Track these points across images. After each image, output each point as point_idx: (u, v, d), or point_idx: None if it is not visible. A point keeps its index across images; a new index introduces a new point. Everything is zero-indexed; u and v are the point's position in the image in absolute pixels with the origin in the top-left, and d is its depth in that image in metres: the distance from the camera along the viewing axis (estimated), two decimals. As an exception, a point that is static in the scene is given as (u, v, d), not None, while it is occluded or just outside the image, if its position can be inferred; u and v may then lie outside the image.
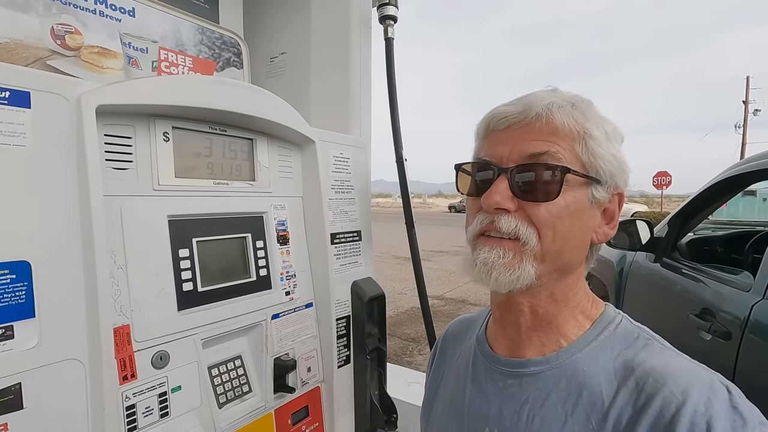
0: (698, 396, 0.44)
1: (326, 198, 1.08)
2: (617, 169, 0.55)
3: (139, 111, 0.75)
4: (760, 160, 1.84)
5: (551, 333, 0.56)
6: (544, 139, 0.53)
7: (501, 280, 0.52)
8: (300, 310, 1.03)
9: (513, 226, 0.53)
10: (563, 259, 0.55)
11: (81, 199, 0.64)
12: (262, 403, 0.92)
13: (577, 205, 0.54)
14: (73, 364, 0.63)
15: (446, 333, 0.77)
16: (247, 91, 0.88)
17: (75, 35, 0.96)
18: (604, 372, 0.51)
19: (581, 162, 0.53)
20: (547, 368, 0.55)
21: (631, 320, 0.56)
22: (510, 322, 0.59)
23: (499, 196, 0.53)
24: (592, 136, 0.53)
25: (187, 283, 0.80)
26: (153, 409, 0.72)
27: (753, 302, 1.53)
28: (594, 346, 0.53)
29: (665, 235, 2.34)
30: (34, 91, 0.60)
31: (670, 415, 0.43)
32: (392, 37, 1.31)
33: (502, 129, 0.56)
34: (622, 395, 0.48)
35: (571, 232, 0.54)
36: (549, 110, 0.53)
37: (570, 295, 0.56)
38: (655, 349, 0.51)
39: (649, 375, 0.47)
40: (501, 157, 0.55)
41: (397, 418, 1.20)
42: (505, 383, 0.57)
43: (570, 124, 0.53)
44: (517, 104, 0.55)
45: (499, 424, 0.56)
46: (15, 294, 0.58)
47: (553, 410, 0.52)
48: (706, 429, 0.42)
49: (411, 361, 4.10)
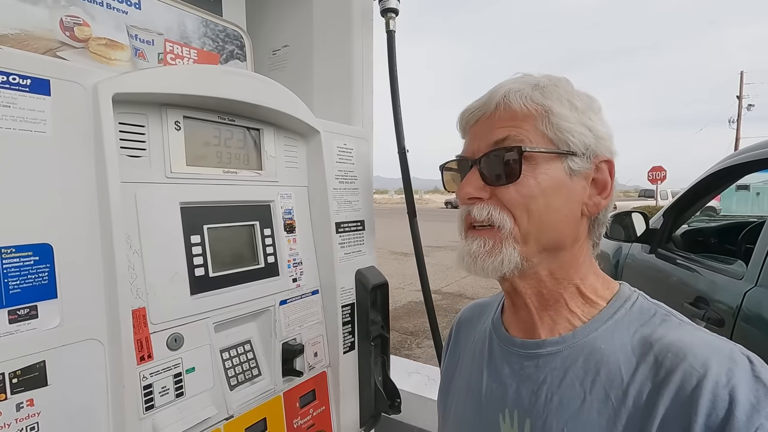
0: (719, 367, 0.44)
1: (331, 188, 1.10)
2: (593, 138, 0.55)
3: (152, 100, 0.77)
4: (752, 151, 1.87)
5: (561, 311, 0.57)
6: (504, 125, 0.55)
7: (487, 267, 0.54)
8: (306, 296, 1.06)
9: (485, 213, 0.55)
10: (547, 236, 0.55)
11: (99, 185, 0.66)
12: (272, 386, 0.94)
13: (551, 182, 0.54)
14: (94, 344, 0.65)
15: (460, 318, 0.78)
16: (255, 81, 0.90)
17: (83, 27, 0.97)
18: (622, 349, 0.50)
19: (548, 138, 0.54)
20: (563, 347, 0.55)
21: (647, 297, 0.56)
22: (521, 306, 0.60)
23: (469, 187, 0.56)
24: (554, 112, 0.54)
25: (199, 269, 0.82)
26: (169, 388, 0.75)
27: (745, 290, 1.57)
28: (610, 324, 0.53)
29: (660, 227, 2.38)
30: (54, 79, 0.62)
31: (692, 387, 0.43)
32: (394, 29, 1.32)
33: (473, 124, 0.59)
34: (642, 371, 0.48)
35: (548, 208, 0.54)
36: (506, 98, 0.56)
37: (571, 271, 0.57)
38: (672, 324, 0.51)
39: (668, 349, 0.47)
40: (473, 151, 0.58)
41: (401, 402, 1.23)
42: (522, 365, 0.58)
43: (528, 106, 0.55)
44: (482, 98, 0.58)
45: (518, 405, 0.56)
46: (38, 275, 0.60)
47: (572, 389, 0.52)
48: (728, 400, 0.41)
49: (410, 354, 4.14)
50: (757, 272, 1.56)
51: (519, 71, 0.61)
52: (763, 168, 1.86)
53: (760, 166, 1.85)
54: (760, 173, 2.27)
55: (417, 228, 1.38)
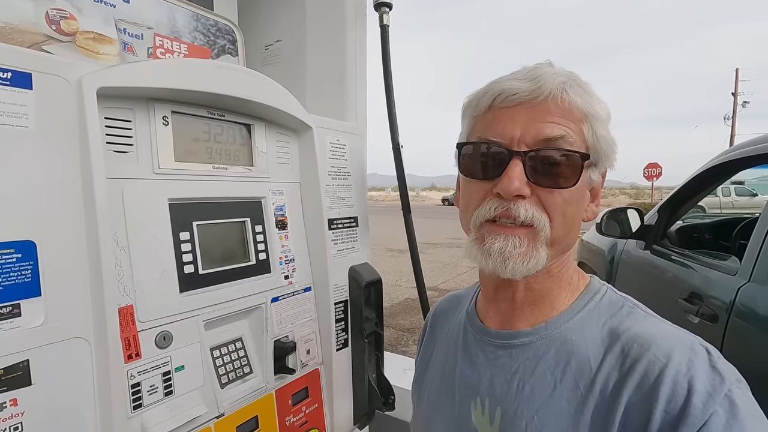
0: (680, 358, 0.46)
1: (323, 184, 1.09)
2: (611, 150, 0.55)
3: (139, 94, 0.75)
4: (746, 147, 1.88)
5: (543, 306, 0.57)
6: (557, 121, 0.51)
7: (518, 269, 0.52)
8: (299, 293, 1.05)
9: (530, 214, 0.51)
10: (569, 241, 0.56)
11: (84, 180, 0.65)
12: (263, 383, 0.94)
13: (582, 190, 0.55)
14: (79, 342, 0.64)
15: (436, 310, 0.79)
16: (245, 75, 0.89)
17: (70, 20, 0.95)
18: (592, 340, 0.52)
19: (586, 145, 0.53)
20: (536, 338, 0.56)
21: (615, 290, 0.58)
22: (505, 299, 0.59)
23: (518, 182, 0.51)
24: (598, 117, 0.53)
25: (188, 266, 0.81)
26: (157, 387, 0.74)
27: (739, 285, 1.58)
28: (581, 315, 0.55)
29: (655, 223, 2.38)
30: (36, 72, 0.61)
31: (654, 376, 0.45)
32: (387, 24, 1.31)
33: (510, 106, 0.53)
34: (609, 360, 0.49)
35: (576, 215, 0.55)
36: (563, 89, 0.51)
37: (563, 269, 0.58)
38: (638, 316, 0.53)
39: (634, 340, 0.49)
40: (512, 138, 0.52)
41: (395, 399, 1.23)
42: (496, 354, 0.59)
43: (582, 105, 0.52)
44: (526, 80, 0.52)
45: (490, 393, 0.57)
46: (21, 273, 0.59)
47: (543, 378, 0.53)
48: (687, 388, 0.44)
49: (406, 351, 4.14)
50: (751, 268, 1.56)
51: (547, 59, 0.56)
52: (757, 164, 1.87)
53: (754, 162, 1.85)
54: (755, 169, 2.27)
55: (411, 223, 1.37)
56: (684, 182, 2.28)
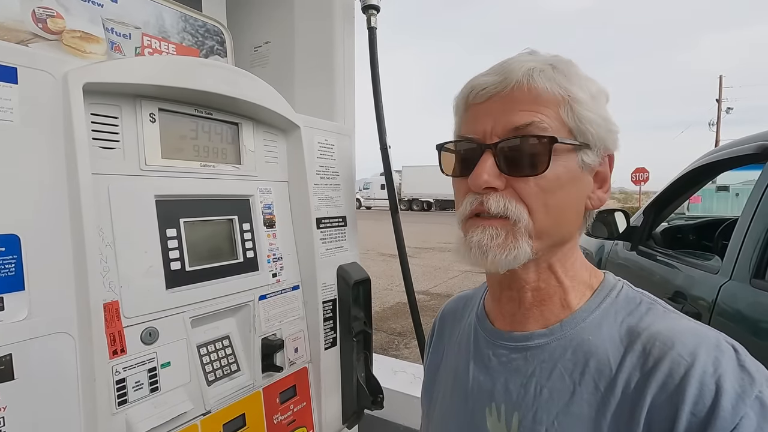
0: (706, 357, 0.44)
1: (311, 183, 1.10)
2: (605, 130, 0.52)
3: (126, 91, 0.76)
4: (728, 149, 1.93)
5: (554, 306, 0.55)
6: (528, 108, 0.50)
7: (498, 261, 0.50)
8: (287, 292, 1.05)
9: (501, 206, 0.50)
10: (560, 232, 0.53)
11: (69, 175, 0.65)
12: (251, 381, 0.94)
13: (568, 175, 0.51)
14: (63, 337, 0.64)
15: (443, 312, 0.76)
16: (233, 73, 0.90)
17: (57, 19, 0.95)
18: (610, 339, 0.50)
19: (568, 128, 0.51)
20: (551, 340, 0.53)
21: (631, 286, 0.56)
22: (510, 299, 0.57)
23: (486, 175, 0.50)
24: (577, 99, 0.50)
25: (174, 262, 0.81)
26: (143, 383, 0.73)
27: (721, 283, 1.61)
28: (597, 314, 0.53)
29: (641, 224, 2.43)
30: (21, 67, 0.61)
31: (679, 376, 0.43)
32: (375, 26, 1.33)
33: (483, 102, 0.53)
34: (629, 360, 0.47)
35: (565, 203, 0.52)
36: (530, 76, 0.50)
37: (568, 264, 0.55)
38: (658, 313, 0.51)
39: (656, 338, 0.47)
40: (484, 132, 0.52)
41: (383, 398, 1.23)
42: (509, 357, 0.56)
43: (552, 89, 0.50)
44: (495, 73, 0.52)
45: (506, 398, 0.55)
46: (4, 266, 0.59)
47: (561, 381, 0.51)
48: (715, 389, 0.42)
49: (397, 355, 4.14)
50: (732, 266, 1.60)
51: (527, 47, 0.55)
52: (739, 165, 1.91)
53: (736, 164, 1.90)
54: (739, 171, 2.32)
55: (399, 223, 1.38)
56: (668, 184, 2.33)
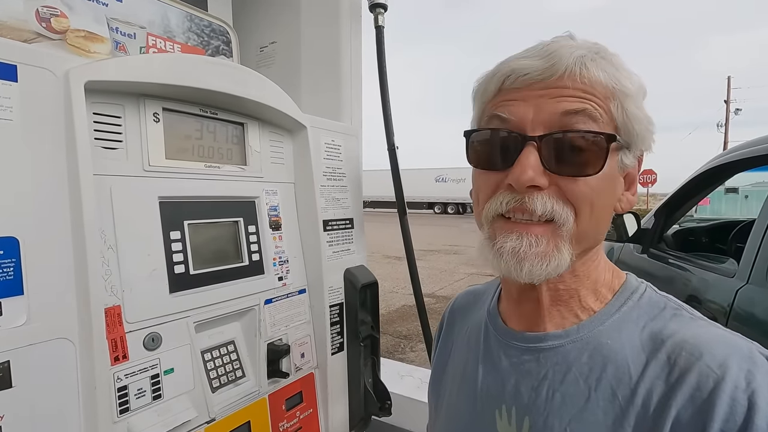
0: (738, 369, 0.40)
1: (318, 185, 1.08)
2: (646, 130, 0.49)
3: (129, 89, 0.74)
4: (740, 150, 1.88)
5: (573, 307, 0.52)
6: (579, 95, 0.45)
7: (535, 272, 0.46)
8: (293, 296, 1.03)
9: (549, 207, 0.46)
10: (598, 236, 0.50)
11: (70, 176, 0.63)
12: (256, 388, 0.91)
13: (611, 176, 0.48)
14: (63, 343, 0.62)
15: (453, 306, 0.73)
16: (239, 72, 0.88)
17: (61, 18, 0.94)
18: (630, 345, 0.47)
19: (615, 124, 0.47)
20: (566, 342, 0.51)
21: (655, 289, 0.53)
22: (529, 299, 0.54)
23: (532, 171, 0.45)
24: (628, 93, 0.46)
25: (178, 266, 0.79)
26: (145, 390, 0.71)
27: (737, 287, 1.57)
28: (617, 317, 0.50)
29: (651, 227, 2.38)
30: (21, 64, 0.59)
31: (708, 390, 0.40)
32: (382, 25, 1.31)
33: (522, 87, 0.47)
34: (652, 369, 0.44)
35: (606, 205, 0.49)
36: (582, 64, 0.45)
37: (591, 267, 0.52)
38: (684, 319, 0.47)
39: (682, 347, 0.43)
40: (523, 119, 0.46)
41: (391, 404, 1.20)
42: (521, 359, 0.53)
43: (605, 80, 0.45)
44: (539, 57, 0.46)
45: (516, 401, 0.52)
46: (2, 270, 0.57)
47: (575, 386, 0.48)
48: (747, 406, 0.39)
49: (403, 358, 4.10)
50: (749, 270, 1.56)
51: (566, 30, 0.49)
52: (751, 167, 1.87)
53: (748, 165, 1.86)
54: (748, 173, 2.28)
55: (407, 225, 1.36)
56: (679, 186, 2.28)
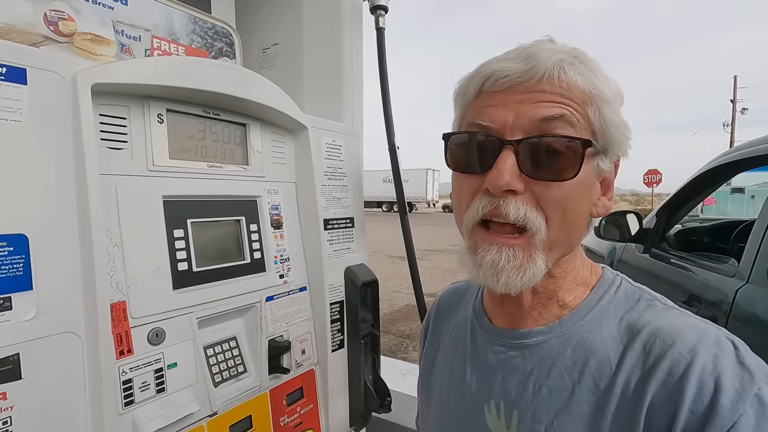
0: (706, 354, 0.43)
1: (319, 184, 1.10)
2: (623, 135, 0.49)
3: (134, 92, 0.76)
4: (742, 150, 1.88)
5: (553, 305, 0.54)
6: (557, 100, 0.45)
7: (512, 283, 0.47)
8: (294, 293, 1.05)
9: (522, 213, 0.46)
10: (570, 242, 0.51)
11: (77, 176, 0.65)
12: (257, 383, 0.93)
13: (587, 181, 0.48)
14: (71, 337, 0.64)
15: (438, 305, 0.75)
16: (241, 74, 0.90)
17: (68, 22, 0.96)
18: (610, 336, 0.49)
19: (592, 129, 0.47)
20: (550, 337, 0.52)
21: (630, 281, 0.55)
22: (511, 301, 0.56)
23: (509, 176, 0.45)
24: (605, 98, 0.47)
25: (182, 263, 0.81)
26: (149, 384, 0.73)
27: (737, 287, 1.57)
28: (596, 311, 0.52)
29: (654, 227, 2.38)
30: (30, 68, 0.61)
31: (679, 374, 0.43)
32: (383, 27, 1.33)
33: (501, 90, 0.47)
34: (630, 358, 0.47)
35: (580, 212, 0.50)
36: (561, 68, 0.45)
37: (568, 269, 0.54)
38: (658, 309, 0.50)
39: (656, 336, 0.46)
40: (503, 124, 0.47)
41: (391, 401, 1.22)
42: (507, 355, 0.55)
43: (583, 85, 0.46)
44: (519, 59, 0.47)
45: (505, 396, 0.54)
46: (13, 266, 0.59)
47: (560, 379, 0.50)
48: (714, 386, 0.41)
49: (406, 357, 4.12)
50: (749, 269, 1.56)
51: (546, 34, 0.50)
52: (754, 166, 1.87)
53: (751, 165, 1.86)
54: (755, 173, 2.27)
55: (408, 225, 1.37)
56: (682, 186, 2.28)
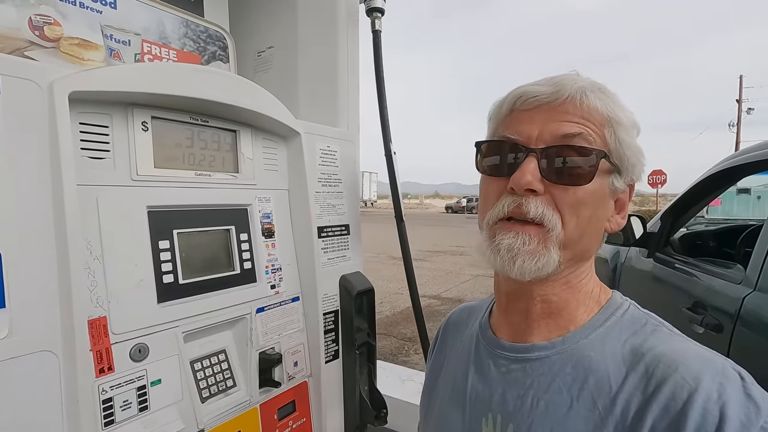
0: (711, 382, 0.43)
1: (312, 191, 1.07)
2: (637, 159, 0.55)
3: (116, 99, 0.73)
4: (749, 153, 1.84)
5: (560, 320, 0.56)
6: (577, 121, 0.52)
7: (526, 268, 0.51)
8: (286, 303, 1.02)
9: (540, 211, 0.51)
10: (583, 246, 0.54)
11: (54, 187, 0.63)
12: (247, 397, 0.90)
13: (600, 193, 0.53)
14: (46, 355, 0.62)
15: (448, 321, 0.77)
16: (228, 80, 0.87)
17: (54, 26, 0.94)
18: (612, 357, 0.50)
19: (608, 149, 0.53)
20: (552, 353, 0.54)
21: (638, 307, 0.56)
22: (518, 311, 0.58)
23: (530, 176, 0.51)
24: (621, 122, 0.53)
25: (167, 275, 0.79)
26: (131, 402, 0.71)
27: (744, 294, 1.53)
28: (601, 331, 0.53)
29: (658, 231, 2.34)
30: (4, 76, 0.59)
31: (682, 401, 0.42)
32: (379, 29, 1.30)
33: (530, 108, 0.54)
34: (631, 381, 0.47)
35: (592, 218, 0.53)
36: (582, 92, 0.52)
37: (583, 282, 0.56)
38: (663, 335, 0.50)
39: (660, 360, 0.46)
40: (529, 137, 0.53)
41: (387, 413, 1.19)
42: (509, 368, 0.57)
43: (601, 109, 0.52)
44: (547, 84, 0.54)
45: (503, 409, 0.55)
46: (-17, 283, 0.56)
47: (559, 395, 0.51)
48: (719, 417, 0.41)
49: (407, 360, 4.09)
50: (756, 276, 1.52)
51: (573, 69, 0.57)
52: (760, 170, 1.83)
53: (757, 168, 1.82)
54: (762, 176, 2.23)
55: (405, 232, 1.34)
56: (687, 189, 2.24)
